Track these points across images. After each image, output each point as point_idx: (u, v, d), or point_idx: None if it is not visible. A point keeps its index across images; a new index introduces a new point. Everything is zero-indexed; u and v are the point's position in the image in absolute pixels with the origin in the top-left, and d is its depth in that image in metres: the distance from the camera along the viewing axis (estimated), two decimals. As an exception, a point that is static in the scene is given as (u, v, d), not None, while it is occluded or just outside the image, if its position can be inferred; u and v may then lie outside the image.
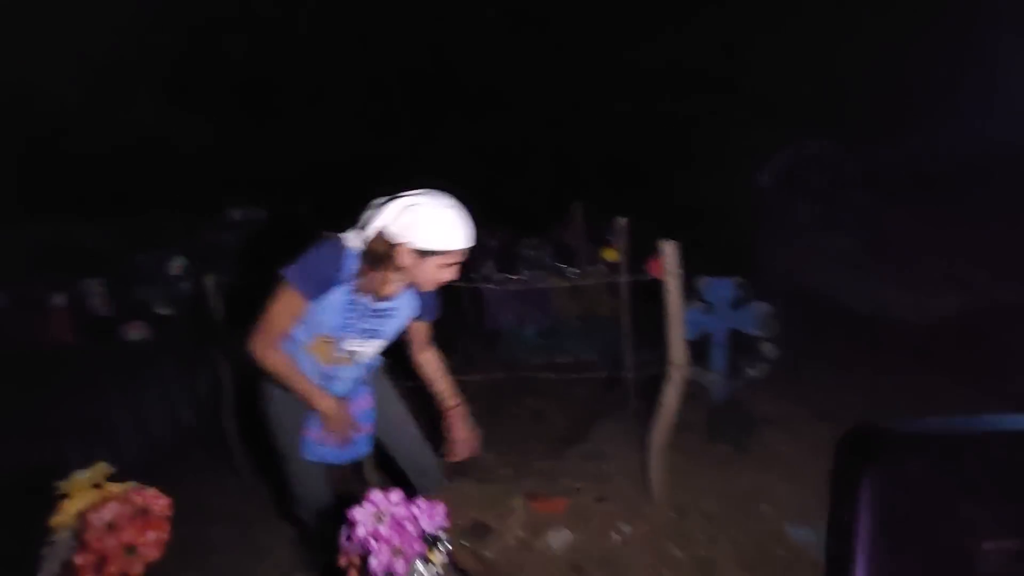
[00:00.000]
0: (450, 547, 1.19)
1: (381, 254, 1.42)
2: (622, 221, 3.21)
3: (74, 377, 3.21)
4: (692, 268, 2.18)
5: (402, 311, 1.61)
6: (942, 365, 3.38)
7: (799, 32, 6.09)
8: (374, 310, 1.54)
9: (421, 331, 1.74)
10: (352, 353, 1.61)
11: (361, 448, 1.75)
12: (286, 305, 1.46)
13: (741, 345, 3.22)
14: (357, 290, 1.47)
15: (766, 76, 6.23)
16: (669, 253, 1.96)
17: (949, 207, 4.73)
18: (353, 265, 1.45)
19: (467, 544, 1.98)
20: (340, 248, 1.45)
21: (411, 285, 1.55)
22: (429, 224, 1.39)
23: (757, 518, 2.11)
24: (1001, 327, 3.79)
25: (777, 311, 3.22)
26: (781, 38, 6.21)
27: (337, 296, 1.47)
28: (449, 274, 1.48)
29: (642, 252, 3.10)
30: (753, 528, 2.06)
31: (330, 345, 1.56)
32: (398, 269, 1.46)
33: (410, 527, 1.09)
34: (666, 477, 2.17)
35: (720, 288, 2.98)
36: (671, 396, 2.07)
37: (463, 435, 1.72)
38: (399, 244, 1.41)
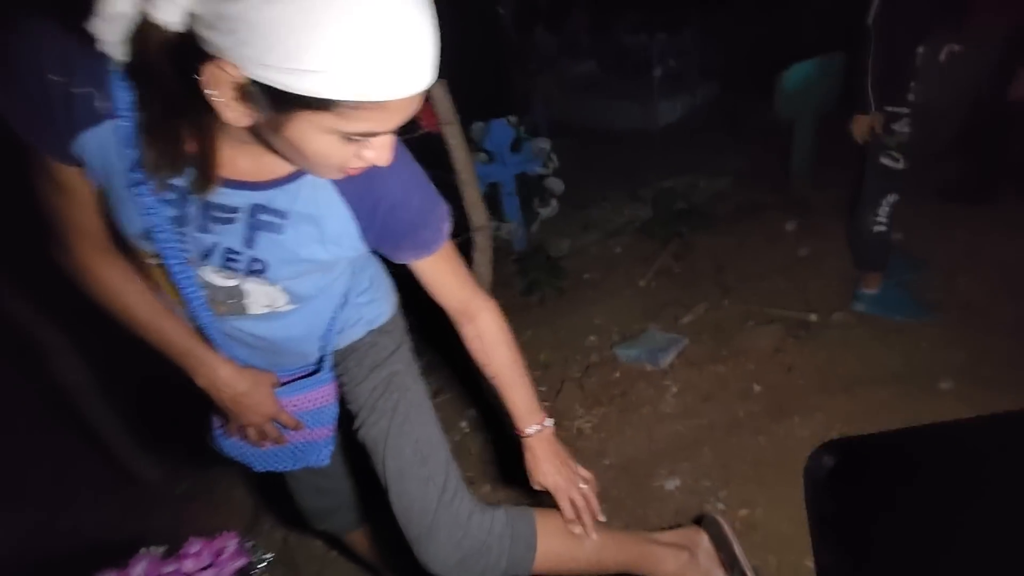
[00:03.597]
0: (267, 559, 0.85)
1: (166, 80, 0.56)
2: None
3: None
4: (461, 116, 1.88)
5: (305, 223, 0.73)
6: (684, 161, 3.77)
7: None
8: (216, 207, 0.70)
9: (436, 275, 0.85)
10: (225, 293, 0.78)
11: (307, 457, 0.99)
12: (37, 170, 0.69)
13: (527, 187, 3.13)
14: (140, 162, 0.63)
15: None
16: (440, 97, 1.58)
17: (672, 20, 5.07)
18: (121, 90, 0.62)
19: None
20: (64, 51, 0.60)
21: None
22: (295, 17, 0.48)
23: (588, 352, 2.14)
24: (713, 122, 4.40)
25: (552, 145, 3.15)
26: None
27: (109, 158, 0.65)
28: (374, 154, 0.63)
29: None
30: (588, 364, 2.08)
31: (158, 268, 0.76)
32: (216, 126, 0.61)
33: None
34: (497, 345, 2.03)
35: (497, 132, 2.74)
36: (481, 263, 1.84)
37: (554, 480, 0.93)
38: (217, 60, 0.52)
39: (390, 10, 0.50)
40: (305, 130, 0.56)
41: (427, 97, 1.67)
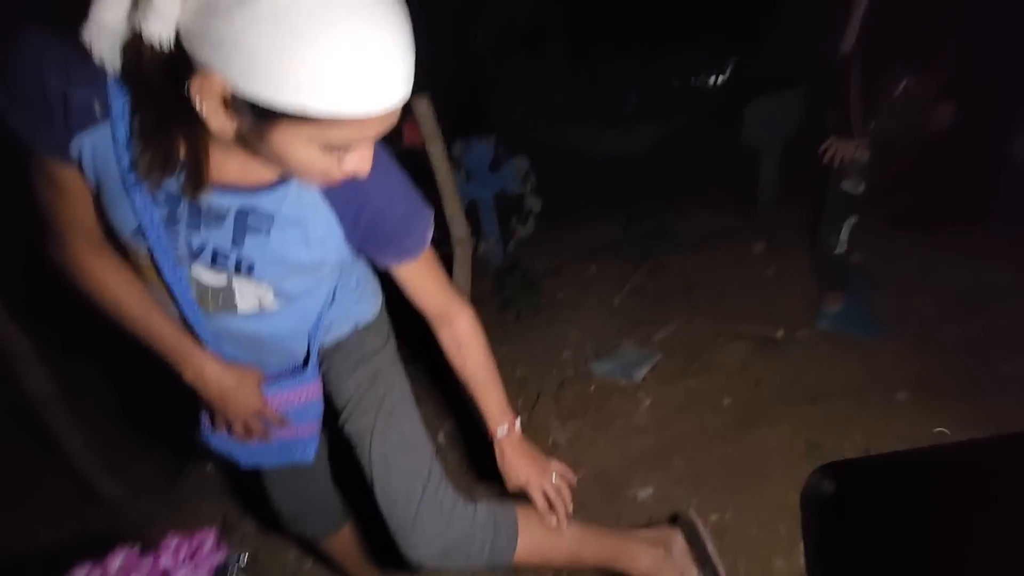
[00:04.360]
0: (244, 563, 0.86)
1: (157, 89, 0.59)
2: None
3: None
4: (443, 135, 1.94)
5: (291, 226, 0.76)
6: (656, 185, 3.91)
7: None
8: (206, 209, 0.73)
9: (417, 280, 0.89)
10: (215, 292, 0.80)
11: (292, 453, 0.99)
12: (35, 168, 0.72)
13: (505, 205, 3.19)
14: (134, 163, 0.66)
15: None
16: (424, 112, 1.64)
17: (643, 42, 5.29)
18: (116, 94, 0.64)
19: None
20: (62, 55, 0.63)
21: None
22: (277, 38, 0.52)
23: (564, 367, 2.18)
24: (684, 148, 4.57)
25: (530, 165, 3.23)
26: None
27: (104, 160, 0.68)
28: (354, 164, 0.66)
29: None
30: (563, 378, 2.12)
31: (150, 266, 0.78)
32: (206, 132, 0.63)
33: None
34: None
35: (477, 151, 2.81)
36: (461, 275, 1.89)
37: (526, 475, 0.97)
38: (204, 73, 0.55)
39: (365, 31, 0.53)
40: (287, 140, 0.59)
41: (411, 113, 1.74)
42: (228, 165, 0.70)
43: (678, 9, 5.23)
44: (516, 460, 0.97)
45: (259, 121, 0.57)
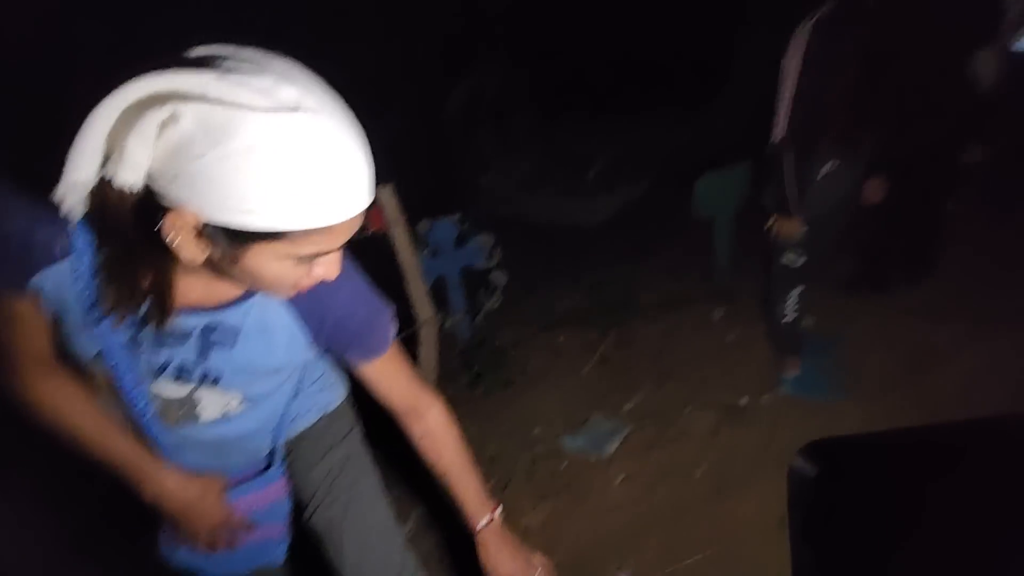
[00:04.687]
0: None
1: (124, 228, 0.60)
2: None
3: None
4: (409, 213, 1.99)
5: (256, 336, 0.78)
6: (620, 253, 4.04)
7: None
8: (169, 332, 0.73)
9: (384, 376, 0.88)
10: (178, 404, 0.80)
11: (262, 557, 0.96)
12: None
13: (471, 280, 3.23)
14: (99, 299, 0.67)
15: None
16: (387, 199, 1.69)
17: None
18: (80, 232, 0.66)
19: None
20: (27, 200, 0.64)
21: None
22: (250, 169, 0.54)
23: (535, 444, 2.15)
24: (648, 216, 4.78)
25: (495, 239, 3.31)
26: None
27: (66, 294, 0.69)
28: (323, 270, 0.67)
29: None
30: (534, 456, 2.08)
31: (106, 386, 0.78)
32: (174, 262, 0.64)
33: None
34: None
35: (443, 228, 2.87)
36: (428, 356, 1.89)
37: (511, 569, 0.93)
38: (176, 208, 0.57)
39: (327, 151, 0.57)
40: (260, 259, 0.61)
41: (375, 200, 1.79)
42: (193, 288, 0.72)
43: (629, 85, 5.64)
44: (499, 553, 0.92)
45: (233, 245, 0.59)
